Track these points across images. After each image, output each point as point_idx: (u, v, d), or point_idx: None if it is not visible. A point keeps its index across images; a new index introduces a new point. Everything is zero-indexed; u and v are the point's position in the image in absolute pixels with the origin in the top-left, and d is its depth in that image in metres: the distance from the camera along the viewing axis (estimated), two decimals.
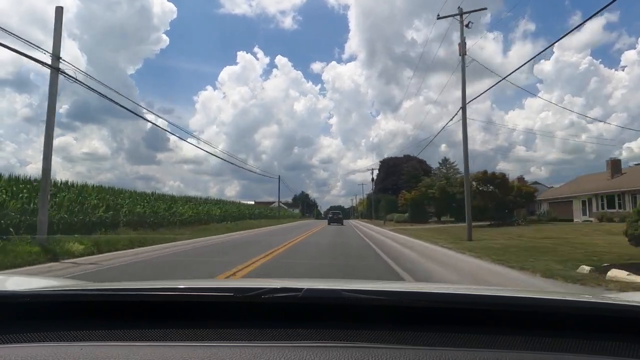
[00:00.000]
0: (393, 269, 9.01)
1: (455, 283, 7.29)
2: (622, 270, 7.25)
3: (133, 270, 9.07)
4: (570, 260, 9.27)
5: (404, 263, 10.18)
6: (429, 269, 9.39)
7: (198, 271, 8.65)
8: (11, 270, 8.72)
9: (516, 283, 7.22)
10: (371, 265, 9.96)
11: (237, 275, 7.96)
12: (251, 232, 28.43)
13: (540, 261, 9.30)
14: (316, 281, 2.08)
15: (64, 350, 1.04)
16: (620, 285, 6.32)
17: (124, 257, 11.40)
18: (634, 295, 1.57)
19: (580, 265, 8.16)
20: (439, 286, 2.33)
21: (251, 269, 8.81)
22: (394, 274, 8.34)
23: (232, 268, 8.73)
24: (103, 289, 1.48)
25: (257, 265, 9.37)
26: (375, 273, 8.51)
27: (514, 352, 1.04)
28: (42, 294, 1.39)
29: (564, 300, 1.31)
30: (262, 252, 12.40)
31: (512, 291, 1.52)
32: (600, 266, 7.98)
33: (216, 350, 1.02)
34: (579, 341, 1.08)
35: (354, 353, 0.99)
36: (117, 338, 1.14)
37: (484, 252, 11.55)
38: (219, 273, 8.12)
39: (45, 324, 1.21)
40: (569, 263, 8.80)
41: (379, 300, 1.25)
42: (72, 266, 9.59)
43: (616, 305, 1.21)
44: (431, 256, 12.00)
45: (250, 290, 1.26)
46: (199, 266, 9.57)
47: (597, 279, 6.98)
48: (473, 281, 7.83)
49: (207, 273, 8.42)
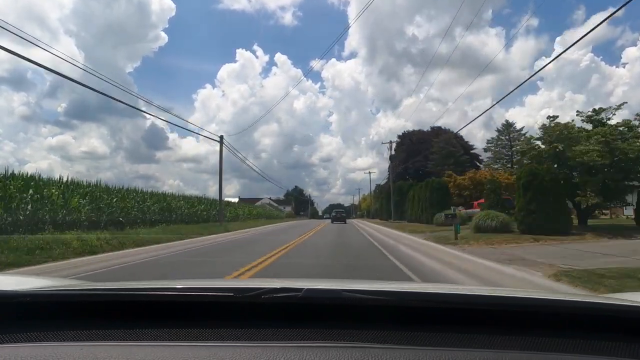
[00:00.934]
0: None
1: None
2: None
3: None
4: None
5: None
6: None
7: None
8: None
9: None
10: None
11: None
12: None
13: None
14: (316, 281, 2.09)
15: (63, 350, 1.04)
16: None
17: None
18: (633, 296, 1.58)
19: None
20: (438, 286, 2.34)
21: None
22: None
23: None
24: (102, 288, 1.48)
25: None
26: None
27: (513, 352, 1.04)
28: (41, 294, 1.39)
29: (563, 300, 1.31)
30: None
31: (510, 291, 1.53)
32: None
33: (216, 350, 1.02)
34: (578, 341, 1.08)
35: (354, 353, 1.00)
36: (118, 338, 1.14)
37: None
38: None
39: (45, 323, 1.21)
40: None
41: (378, 300, 1.25)
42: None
43: (615, 305, 1.21)
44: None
45: (250, 290, 1.26)
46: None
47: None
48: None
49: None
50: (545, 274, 7.09)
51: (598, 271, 6.82)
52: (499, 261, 8.98)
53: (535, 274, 7.29)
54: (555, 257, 9.19)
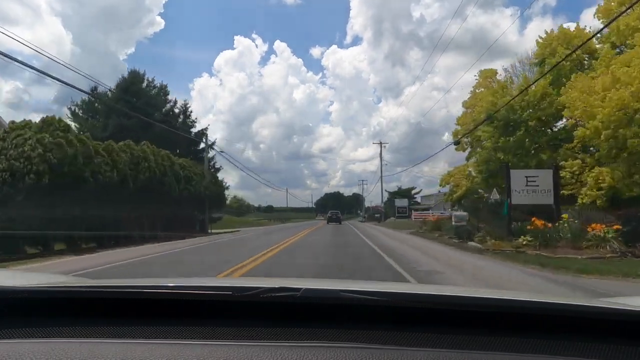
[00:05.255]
0: None
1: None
2: None
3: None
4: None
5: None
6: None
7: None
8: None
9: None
10: None
11: None
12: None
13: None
14: (315, 281, 2.10)
15: (62, 346, 1.04)
16: None
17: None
18: (632, 300, 1.60)
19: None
20: (437, 288, 2.35)
21: None
22: None
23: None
24: (101, 285, 1.49)
25: None
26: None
27: (511, 354, 1.05)
28: (40, 290, 1.40)
29: (562, 304, 1.32)
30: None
31: (510, 294, 1.54)
32: None
33: (213, 348, 1.03)
34: (575, 345, 1.08)
35: (352, 353, 1.00)
36: (116, 335, 1.14)
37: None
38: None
39: (44, 320, 1.21)
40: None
41: (376, 300, 1.25)
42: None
43: (614, 309, 1.22)
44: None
45: (249, 289, 1.26)
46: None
47: None
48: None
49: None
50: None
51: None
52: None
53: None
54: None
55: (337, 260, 12.16)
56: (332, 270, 9.92)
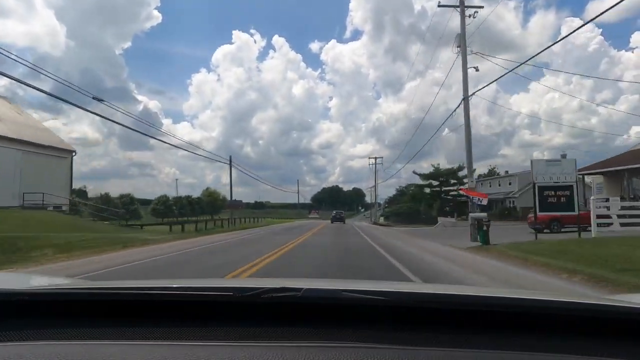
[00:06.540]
0: None
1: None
2: None
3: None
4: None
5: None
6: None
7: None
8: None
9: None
10: None
11: None
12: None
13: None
14: (316, 281, 2.09)
15: (64, 348, 1.04)
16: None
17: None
18: (635, 297, 1.61)
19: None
20: (438, 287, 2.35)
21: None
22: None
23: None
24: (101, 287, 1.48)
25: None
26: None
27: (512, 352, 1.05)
28: (40, 292, 1.40)
29: (566, 302, 1.31)
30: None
31: (512, 292, 1.54)
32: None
33: (215, 349, 1.02)
34: (577, 342, 1.09)
35: (353, 353, 1.00)
36: (117, 337, 1.14)
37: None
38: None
39: (45, 322, 1.21)
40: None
41: (378, 300, 1.25)
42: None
43: (620, 307, 1.22)
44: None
45: (250, 290, 1.26)
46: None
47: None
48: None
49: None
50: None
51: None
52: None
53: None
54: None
55: None
56: None
